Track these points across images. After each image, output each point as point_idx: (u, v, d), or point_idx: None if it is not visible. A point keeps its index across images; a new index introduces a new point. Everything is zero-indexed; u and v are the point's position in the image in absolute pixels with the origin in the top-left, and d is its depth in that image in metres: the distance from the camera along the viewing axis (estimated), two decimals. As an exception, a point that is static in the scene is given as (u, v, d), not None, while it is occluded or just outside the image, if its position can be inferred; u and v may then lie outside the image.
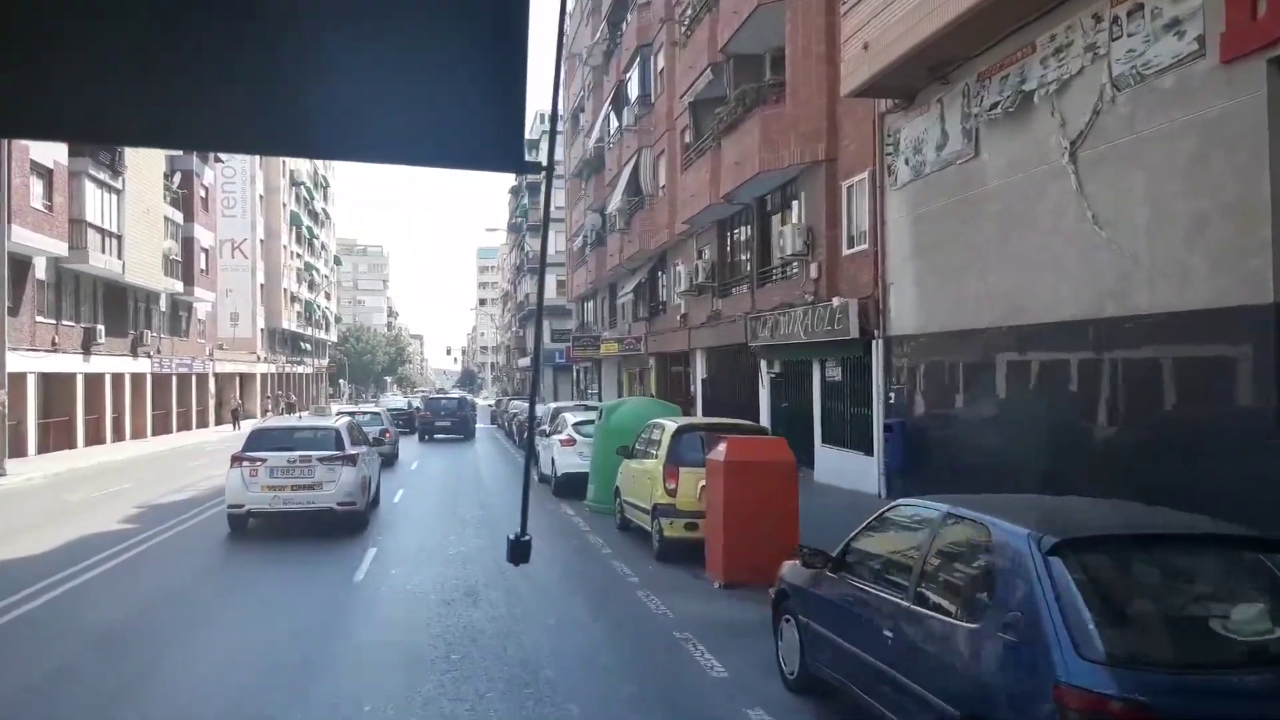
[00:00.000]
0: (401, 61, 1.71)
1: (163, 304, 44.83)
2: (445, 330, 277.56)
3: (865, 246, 16.90)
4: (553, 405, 25.63)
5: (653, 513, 12.11)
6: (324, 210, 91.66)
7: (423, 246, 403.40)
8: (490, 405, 61.47)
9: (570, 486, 18.38)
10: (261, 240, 69.20)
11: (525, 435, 31.12)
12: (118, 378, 38.39)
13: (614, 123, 36.23)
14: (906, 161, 15.36)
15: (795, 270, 19.52)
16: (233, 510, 14.06)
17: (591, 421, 18.59)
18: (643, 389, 36.81)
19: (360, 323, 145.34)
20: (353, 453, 14.44)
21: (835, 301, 16.68)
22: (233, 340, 62.93)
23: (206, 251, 49.60)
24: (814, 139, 18.04)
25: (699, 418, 18.32)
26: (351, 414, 23.67)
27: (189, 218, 45.81)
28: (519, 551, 2.94)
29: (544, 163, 2.31)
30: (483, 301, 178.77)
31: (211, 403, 53.40)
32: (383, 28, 1.66)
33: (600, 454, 16.00)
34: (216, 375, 57.17)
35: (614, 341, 36.07)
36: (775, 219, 21.27)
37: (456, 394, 56.32)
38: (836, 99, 17.90)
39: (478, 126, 1.81)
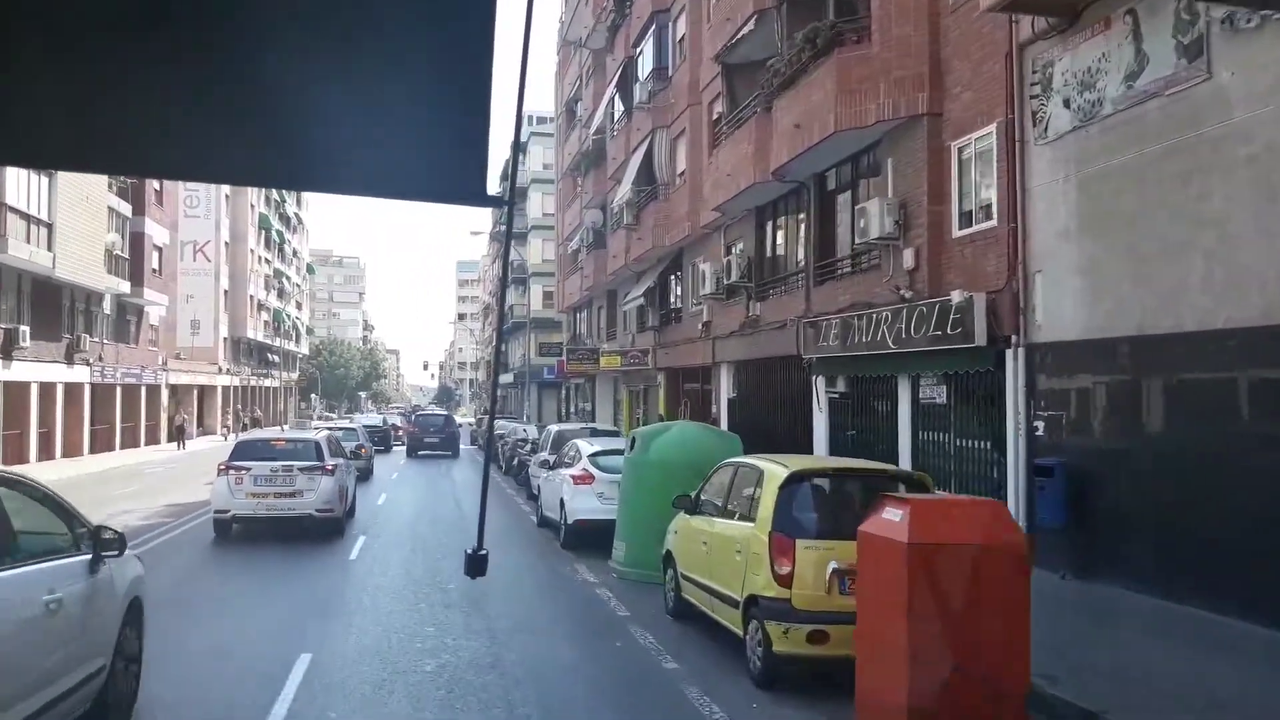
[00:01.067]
0: (367, 98, 1.73)
1: (106, 306, 40.07)
2: (422, 346, 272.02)
3: (991, 224, 12.65)
4: (554, 428, 21.19)
5: (748, 609, 7.70)
6: (296, 215, 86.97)
7: (400, 260, 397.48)
8: (471, 424, 56.82)
9: (587, 539, 14.00)
10: (226, 243, 64.48)
11: (513, 462, 26.71)
12: (47, 387, 33.61)
13: (619, 107, 32.01)
14: (1068, 103, 11.13)
15: (876, 260, 15.26)
16: (218, 515, 14.91)
17: (615, 452, 14.21)
18: (644, 410, 32.41)
19: (335, 336, 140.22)
20: (331, 464, 15.26)
21: (955, 296, 12.37)
22: (191, 350, 58.05)
23: (160, 250, 44.91)
24: (912, 87, 13.82)
25: (815, 458, 13.77)
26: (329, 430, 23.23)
27: (139, 210, 41.13)
28: (476, 565, 3.00)
29: (505, 197, 2.72)
30: (462, 316, 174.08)
31: (164, 417, 48.52)
32: (349, 65, 1.66)
33: (636, 499, 11.64)
34: (172, 387, 52.31)
35: (615, 354, 31.72)
36: (843, 197, 17.03)
37: (443, 412, 54.07)
38: (940, 35, 13.70)
39: (442, 162, 1.84)
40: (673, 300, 28.87)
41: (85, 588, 5.90)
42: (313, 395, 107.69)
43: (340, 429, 28.69)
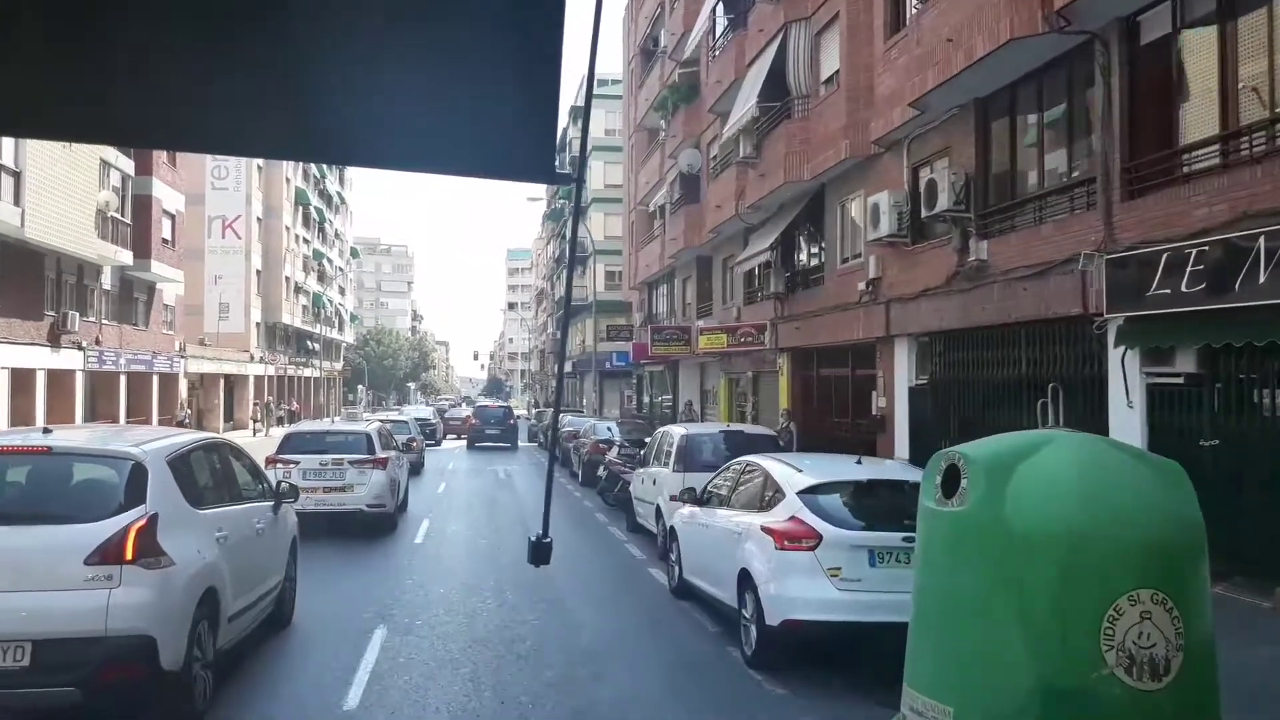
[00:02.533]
0: (439, 75, 1.72)
1: (106, 280, 34.11)
2: (472, 338, 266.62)
3: None
4: (678, 431, 14.22)
5: None
6: (338, 194, 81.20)
7: (449, 250, 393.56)
8: (529, 419, 50.33)
9: (805, 650, 7.24)
10: (259, 219, 58.66)
11: (599, 472, 20.04)
12: (21, 374, 27.62)
13: (721, 19, 25.14)
14: None
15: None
16: None
17: (856, 486, 7.44)
18: (754, 404, 25.52)
19: (383, 325, 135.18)
20: (383, 456, 14.63)
21: None
22: (217, 336, 52.25)
23: (173, 217, 38.87)
24: None
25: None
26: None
27: (144, 169, 35.05)
28: (540, 553, 3.21)
29: (573, 173, 2.46)
30: (512, 305, 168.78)
31: (183, 412, 42.66)
32: (420, 40, 1.64)
33: (964, 604, 4.85)
34: (194, 376, 46.51)
35: (718, 333, 24.84)
36: (1194, 41, 9.99)
37: (502, 404, 51.78)
38: None
39: (510, 138, 1.83)
40: (804, 258, 21.96)
41: (271, 524, 8.25)
42: (360, 386, 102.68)
43: (392, 421, 26.33)
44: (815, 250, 21.03)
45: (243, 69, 1.69)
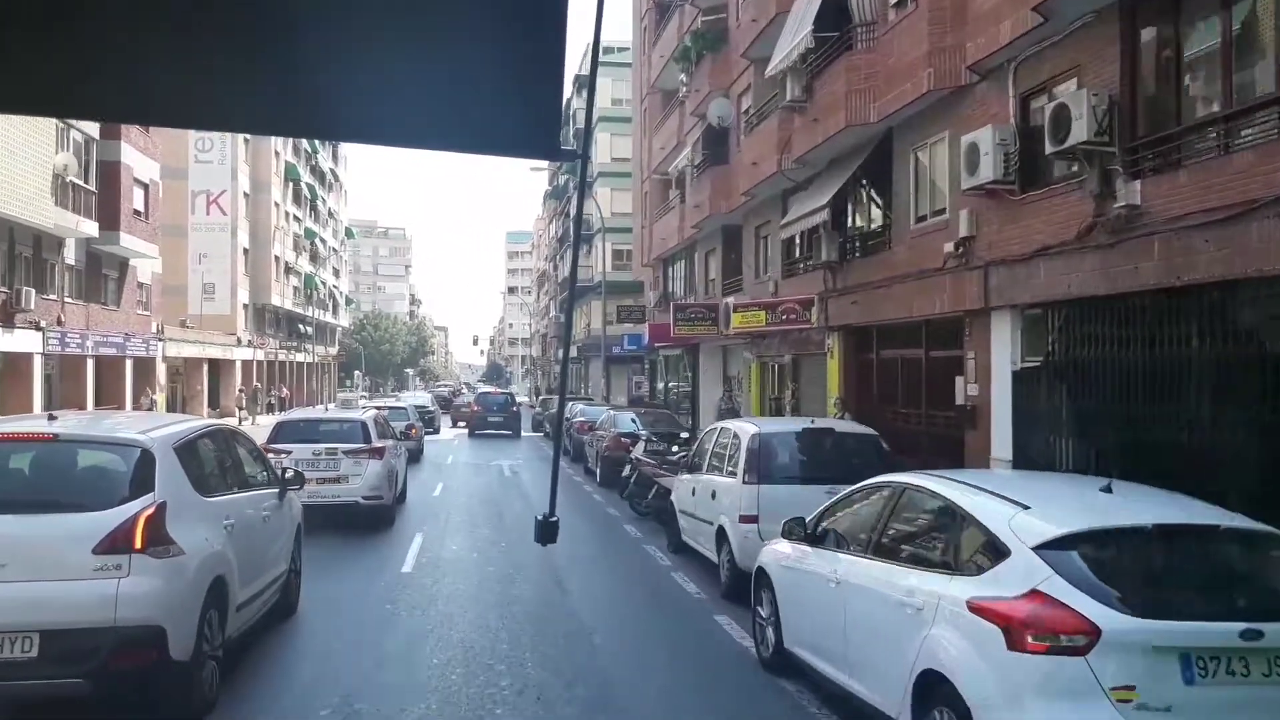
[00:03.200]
0: (436, 46, 1.68)
1: (70, 254, 31.01)
2: (471, 324, 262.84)
3: None
4: (750, 429, 10.52)
5: None
6: (331, 171, 77.92)
7: (448, 235, 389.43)
8: (533, 406, 47.23)
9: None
10: (246, 194, 55.48)
11: (628, 477, 16.90)
12: (-35, 358, 24.59)
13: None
14: None
15: None
16: None
17: (1141, 538, 4.39)
18: (794, 391, 22.48)
19: (380, 310, 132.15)
20: (379, 445, 14.00)
21: None
22: (200, 318, 49.14)
23: (146, 187, 35.70)
24: None
25: None
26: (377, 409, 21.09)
27: (111, 134, 31.88)
28: (547, 532, 3.15)
29: (578, 149, 2.36)
30: (512, 289, 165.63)
31: (160, 397, 39.63)
32: (420, 11, 1.62)
33: None
34: (173, 361, 43.46)
35: (755, 310, 21.75)
36: None
37: (505, 391, 50.20)
38: None
39: (513, 113, 1.79)
40: (864, 219, 18.87)
41: (277, 511, 8.15)
42: (356, 372, 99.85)
43: (390, 408, 26.12)
44: (878, 210, 17.91)
45: (233, 41, 1.62)
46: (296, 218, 65.41)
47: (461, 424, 43.90)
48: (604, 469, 19.59)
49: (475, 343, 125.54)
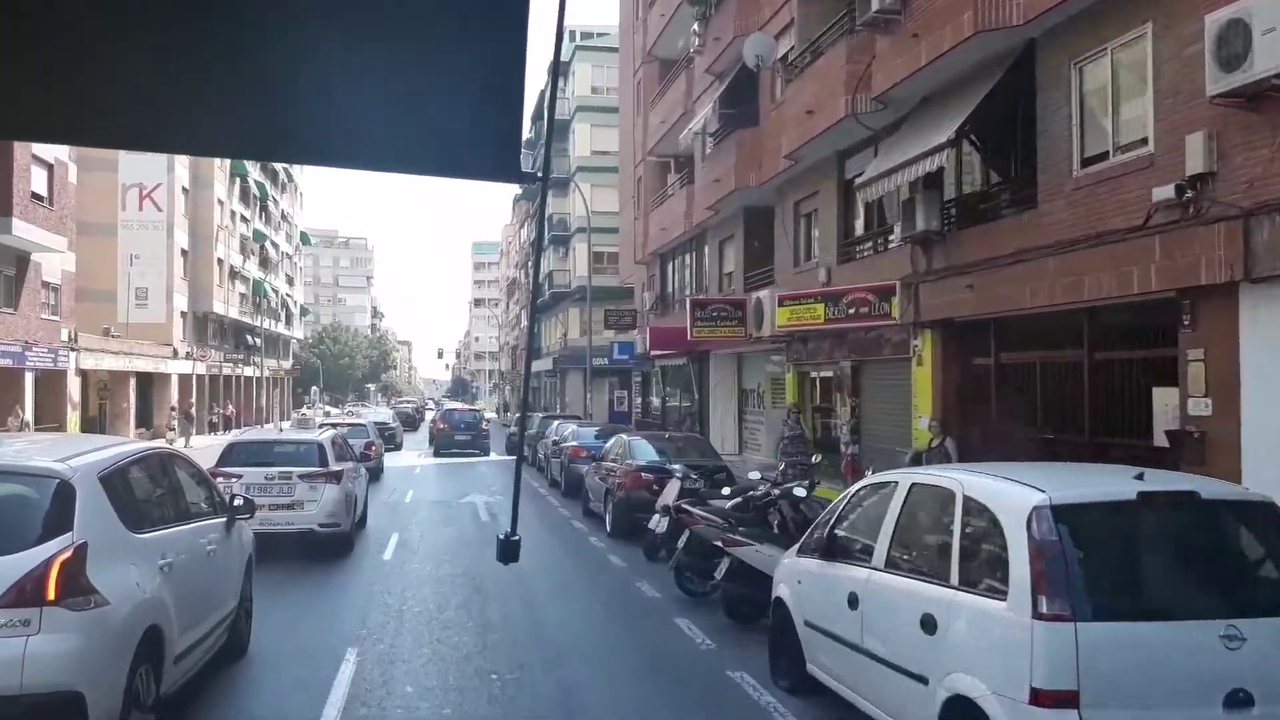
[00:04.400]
0: (397, 72, 1.68)
1: (-56, 244, 25.47)
2: (435, 339, 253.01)
3: None
4: (1046, 482, 5.53)
5: None
6: (285, 171, 72.23)
7: (411, 247, 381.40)
8: (505, 424, 41.62)
9: None
10: (185, 189, 49.83)
11: (666, 535, 11.63)
12: None
13: None
14: None
15: None
16: None
17: None
18: (854, 407, 17.49)
19: (340, 322, 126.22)
20: (337, 469, 13.18)
21: None
22: (126, 327, 43.39)
23: (50, 167, 30.15)
24: None
25: None
26: (334, 426, 21.07)
27: None
28: (508, 551, 3.07)
29: (539, 173, 2.37)
30: (478, 302, 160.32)
31: (72, 415, 33.98)
32: (380, 36, 1.62)
33: None
34: (103, 375, 37.84)
35: (811, 303, 16.76)
36: None
37: (472, 408, 45.76)
38: None
39: (473, 137, 1.79)
40: (970, 175, 14.01)
41: (224, 543, 7.29)
42: (314, 387, 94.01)
43: (349, 425, 25.64)
44: (1001, 158, 13.03)
45: (193, 65, 1.64)
46: (244, 218, 59.68)
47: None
48: (618, 515, 14.43)
49: (440, 356, 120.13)
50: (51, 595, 4.73)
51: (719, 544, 9.42)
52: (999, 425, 13.30)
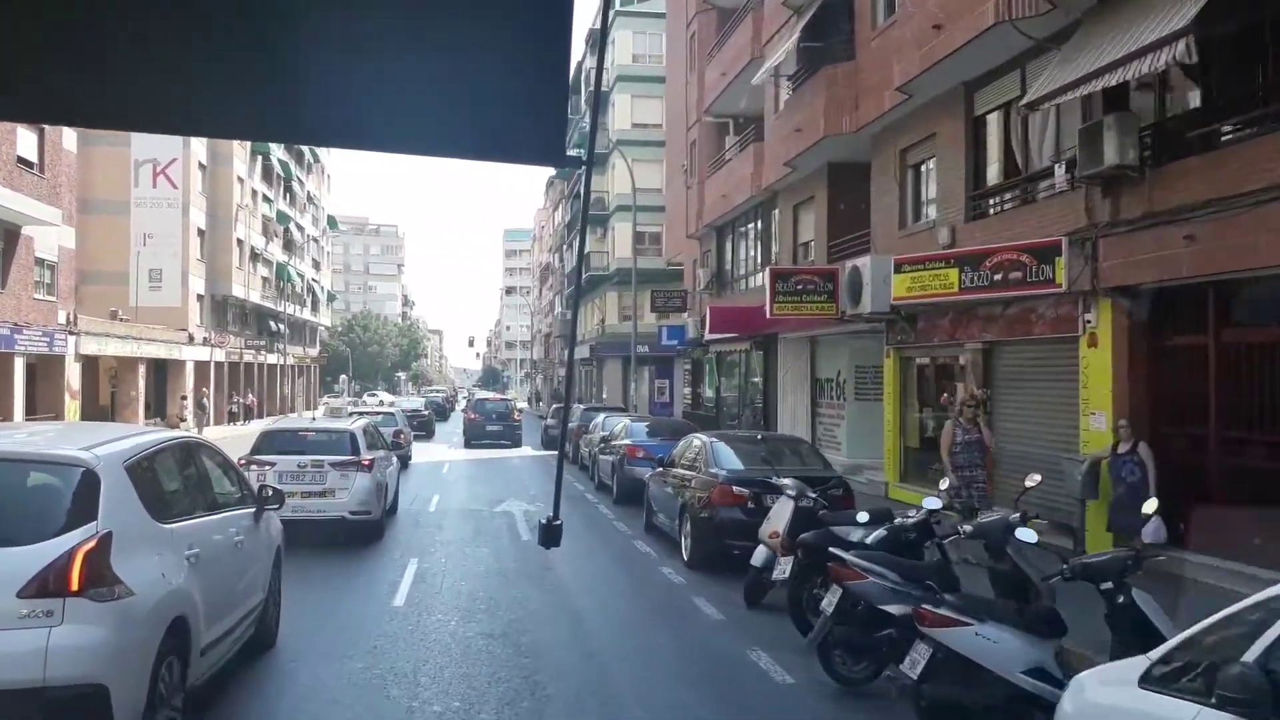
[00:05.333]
0: (439, 52, 1.65)
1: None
2: (467, 328, 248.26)
3: None
4: None
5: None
6: (311, 151, 69.35)
7: (443, 236, 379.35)
8: (544, 418, 38.20)
9: None
10: (203, 165, 47.03)
11: (801, 584, 8.26)
12: None
13: None
14: None
15: None
16: None
17: None
18: (983, 399, 13.97)
19: (370, 310, 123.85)
20: (368, 458, 13.20)
21: None
22: (136, 310, 40.64)
23: (41, 131, 27.20)
24: None
25: None
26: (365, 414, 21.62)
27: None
28: (551, 535, 3.07)
29: (583, 156, 2.51)
30: (510, 290, 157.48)
31: (71, 404, 31.14)
32: (422, 17, 1.58)
33: None
34: (105, 361, 35.08)
35: (941, 268, 13.29)
36: None
37: (505, 397, 42.30)
38: None
39: (516, 119, 1.77)
40: (1175, 96, 10.50)
41: (252, 534, 7.10)
42: (343, 376, 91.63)
43: (380, 413, 25.32)
44: (1264, 57, 9.50)
45: (232, 47, 1.60)
46: (267, 198, 56.85)
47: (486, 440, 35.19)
48: (701, 542, 11.00)
49: (471, 344, 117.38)
50: (75, 586, 4.60)
51: (899, 613, 6.05)
52: (1217, 427, 9.82)
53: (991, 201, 13.82)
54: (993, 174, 13.95)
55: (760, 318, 22.64)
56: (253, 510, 7.27)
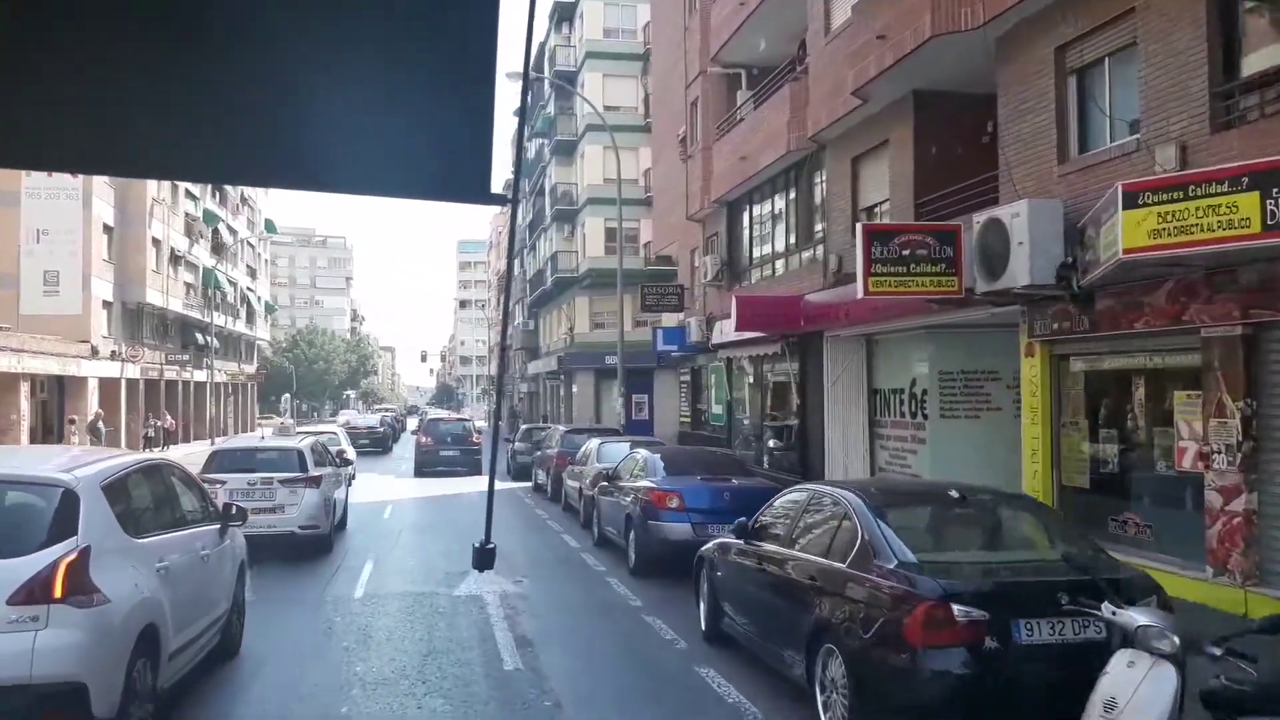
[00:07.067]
0: (362, 93, 1.65)
1: None
2: (419, 344, 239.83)
3: None
4: None
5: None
6: (245, 146, 62.89)
7: (393, 250, 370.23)
8: (510, 440, 32.12)
9: None
10: (109, 153, 40.60)
11: None
12: None
13: None
14: None
15: None
16: None
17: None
18: (1249, 409, 8.62)
19: (317, 325, 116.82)
20: (316, 474, 13.76)
21: None
22: (22, 320, 34.31)
23: None
24: None
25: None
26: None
27: None
28: (484, 559, 3.08)
29: (509, 195, 2.37)
30: (464, 304, 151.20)
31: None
32: (343, 57, 1.58)
33: None
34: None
35: (1226, 192, 7.83)
36: None
37: (461, 417, 36.86)
38: None
39: (440, 158, 1.75)
40: None
41: (217, 548, 7.63)
42: (286, 395, 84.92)
43: (323, 433, 22.93)
44: None
45: (150, 88, 1.59)
46: (191, 194, 50.49)
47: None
48: (887, 713, 5.57)
49: (424, 359, 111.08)
50: (58, 593, 5.09)
51: None
52: None
53: (1244, 100, 8.57)
54: (1251, 64, 8.69)
55: (795, 312, 17.28)
56: (218, 527, 7.78)
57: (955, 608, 5.20)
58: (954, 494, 6.44)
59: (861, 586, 5.82)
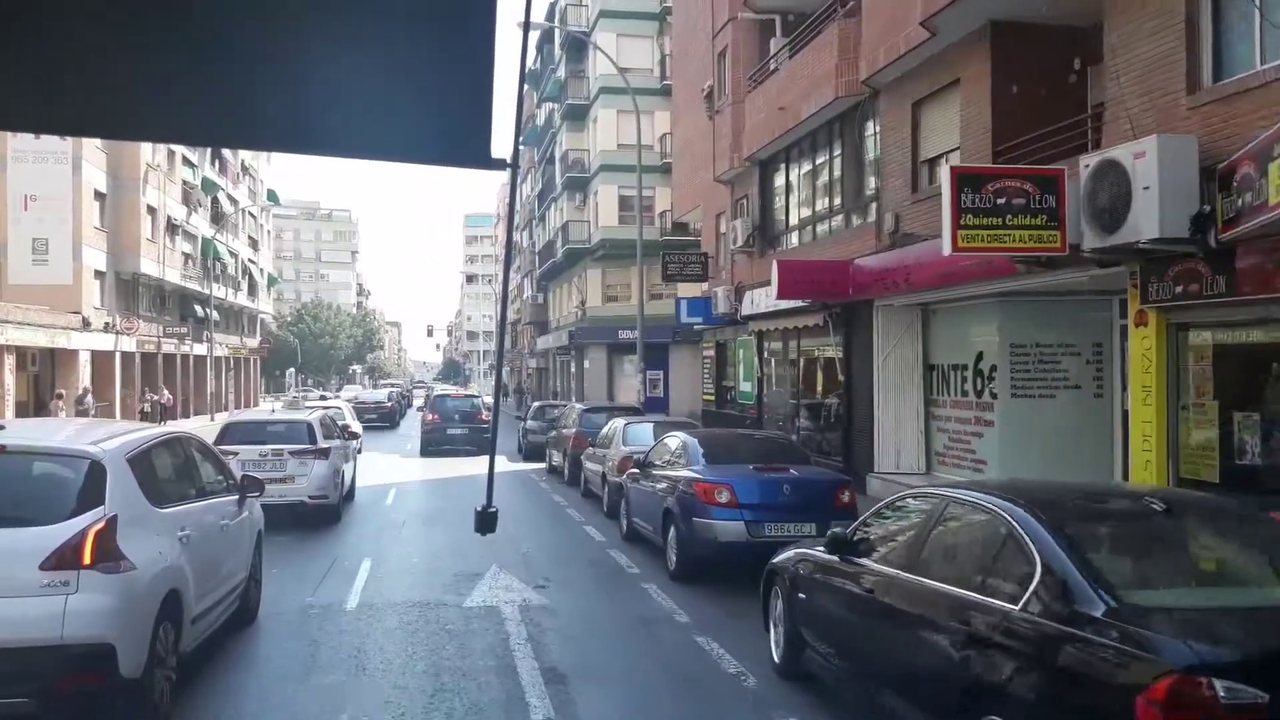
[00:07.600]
0: (364, 56, 1.64)
1: None
2: (426, 319, 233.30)
3: None
4: None
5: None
6: (246, 113, 60.96)
7: (400, 225, 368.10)
8: (522, 418, 30.34)
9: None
10: (101, 115, 38.75)
11: None
12: None
13: None
14: None
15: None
16: None
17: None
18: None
19: (323, 299, 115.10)
20: (325, 446, 14.32)
21: None
22: (12, 289, 32.63)
23: None
24: None
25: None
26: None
27: None
28: (486, 522, 3.31)
29: (509, 160, 2.29)
30: (471, 279, 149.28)
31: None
32: (345, 19, 1.58)
33: None
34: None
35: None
36: None
37: (469, 392, 34.82)
38: None
39: (441, 122, 1.76)
40: None
41: (236, 519, 7.88)
42: (290, 370, 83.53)
43: (330, 406, 23.34)
44: None
45: (146, 49, 1.58)
46: (188, 161, 48.62)
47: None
48: None
49: (430, 334, 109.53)
50: (87, 560, 5.30)
51: None
52: None
53: None
54: None
55: (844, 278, 15.54)
56: (236, 498, 8.03)
57: (1218, 684, 3.46)
58: (1156, 505, 4.68)
59: (1050, 640, 4.09)
